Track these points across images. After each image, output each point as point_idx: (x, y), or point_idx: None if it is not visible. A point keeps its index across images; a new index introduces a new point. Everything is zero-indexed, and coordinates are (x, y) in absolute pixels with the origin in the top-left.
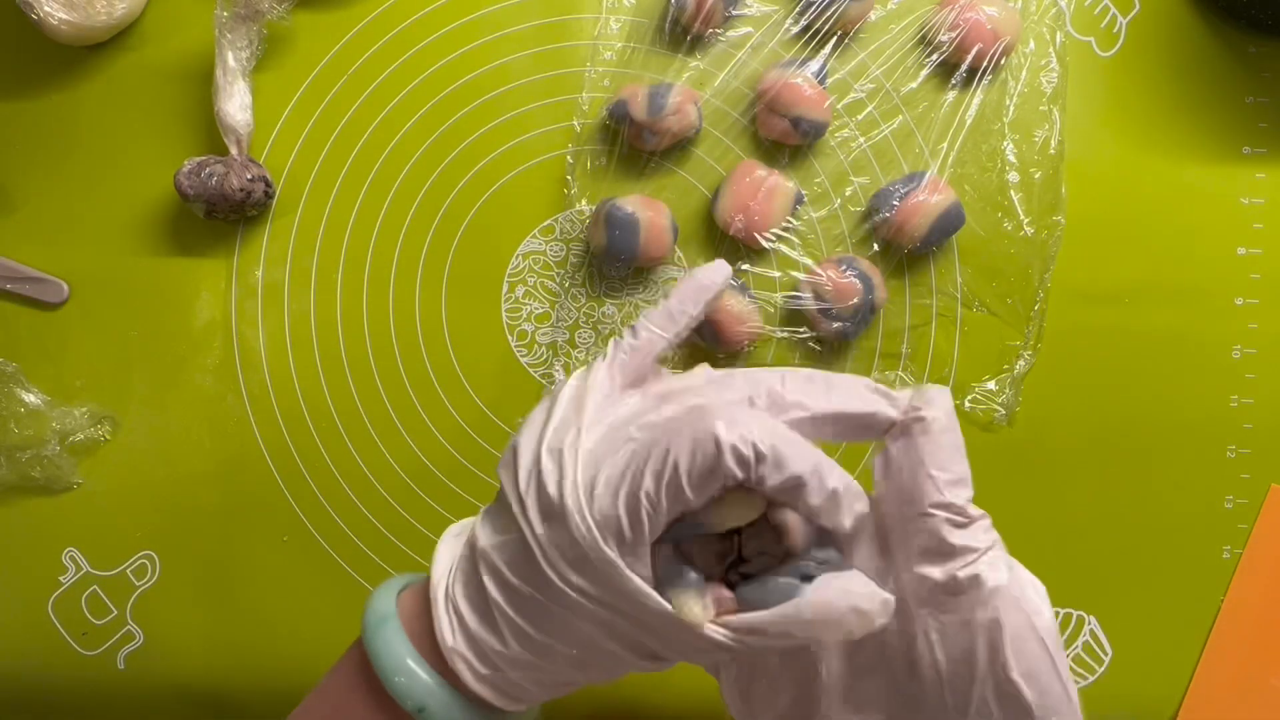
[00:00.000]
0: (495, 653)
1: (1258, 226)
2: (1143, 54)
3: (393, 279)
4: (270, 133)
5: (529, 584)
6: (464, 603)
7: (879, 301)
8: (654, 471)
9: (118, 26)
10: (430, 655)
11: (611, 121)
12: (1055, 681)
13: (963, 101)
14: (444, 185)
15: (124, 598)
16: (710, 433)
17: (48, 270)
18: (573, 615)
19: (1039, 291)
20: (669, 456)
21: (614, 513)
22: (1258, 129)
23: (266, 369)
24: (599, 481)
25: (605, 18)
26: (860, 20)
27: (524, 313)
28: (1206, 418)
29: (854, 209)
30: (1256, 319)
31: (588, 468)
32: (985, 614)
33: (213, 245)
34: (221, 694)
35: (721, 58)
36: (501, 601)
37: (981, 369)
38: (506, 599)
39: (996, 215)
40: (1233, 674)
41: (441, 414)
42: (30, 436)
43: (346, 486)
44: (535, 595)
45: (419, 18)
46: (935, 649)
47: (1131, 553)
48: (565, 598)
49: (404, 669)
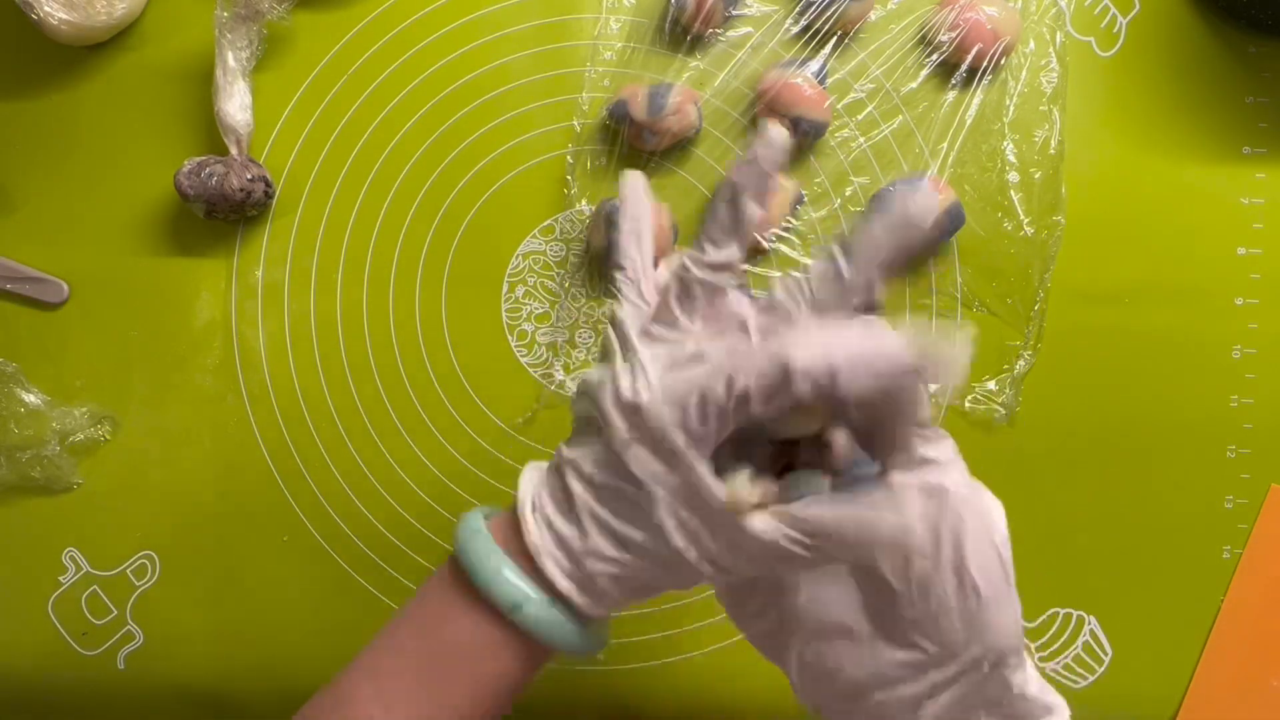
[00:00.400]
0: (578, 547)
1: (1258, 226)
2: (1143, 54)
3: (393, 279)
4: (270, 133)
5: (608, 476)
6: (549, 505)
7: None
8: (724, 383)
9: (118, 26)
10: (520, 562)
11: (611, 121)
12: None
13: (963, 101)
14: (444, 185)
15: (124, 598)
16: (783, 356)
17: (48, 270)
18: (646, 505)
19: (1039, 291)
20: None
21: (684, 413)
22: (1258, 129)
23: (266, 369)
24: (672, 388)
25: (605, 18)
26: (860, 20)
27: (524, 313)
28: (1206, 418)
29: (854, 209)
30: (1256, 319)
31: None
32: (950, 519)
33: (213, 245)
34: (221, 694)
35: (721, 58)
36: (583, 494)
37: (981, 369)
38: (587, 491)
39: (996, 215)
40: (1233, 674)
41: (441, 414)
42: (30, 436)
43: (346, 486)
44: (611, 484)
45: (419, 18)
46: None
47: (1131, 553)
48: (640, 486)
49: (498, 573)
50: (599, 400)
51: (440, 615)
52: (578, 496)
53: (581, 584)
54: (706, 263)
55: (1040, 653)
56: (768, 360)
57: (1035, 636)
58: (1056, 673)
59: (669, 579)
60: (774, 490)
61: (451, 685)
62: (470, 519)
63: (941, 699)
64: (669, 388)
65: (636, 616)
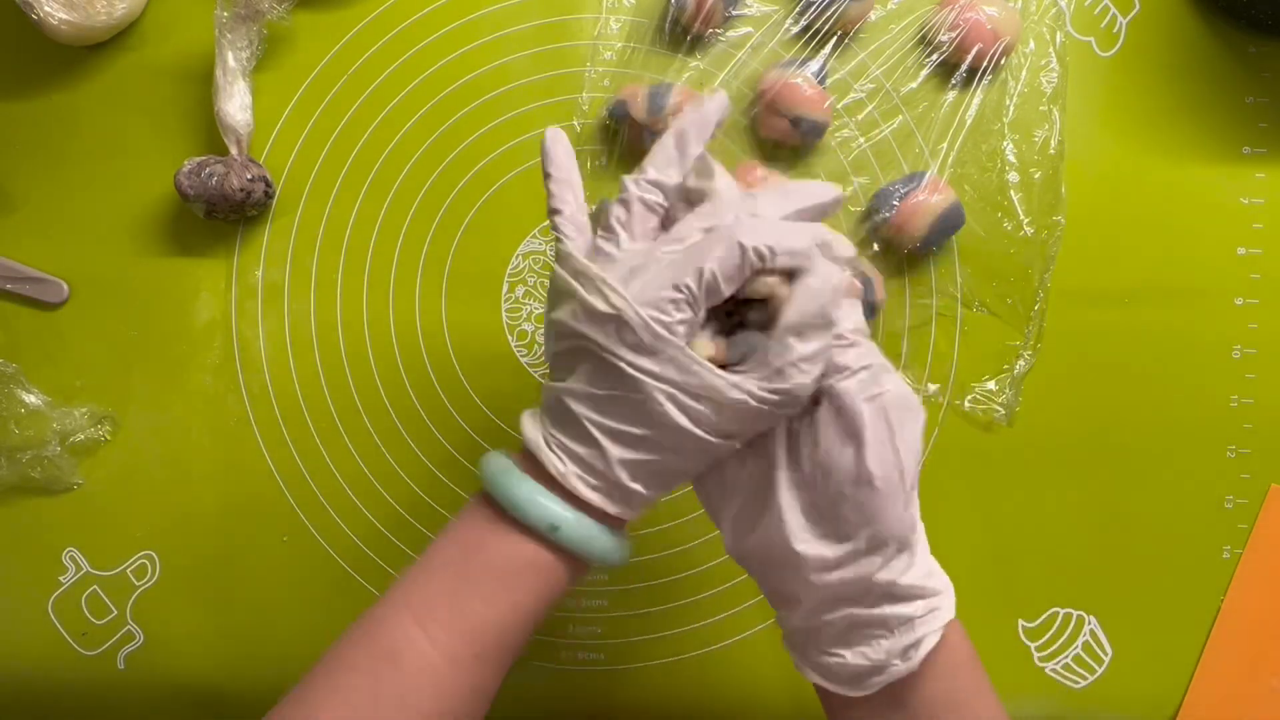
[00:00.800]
0: (600, 462)
1: (1258, 226)
2: (1143, 54)
3: (393, 279)
4: (270, 133)
5: (607, 386)
6: (559, 434)
7: (879, 302)
8: (693, 273)
9: (118, 26)
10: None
11: (611, 121)
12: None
13: (963, 101)
14: (444, 185)
15: (124, 598)
16: (735, 240)
17: (48, 270)
18: (648, 400)
19: (1039, 291)
20: (705, 262)
21: (661, 303)
22: (1258, 129)
23: (266, 369)
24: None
25: (605, 18)
26: (860, 20)
27: (524, 313)
28: (1206, 418)
29: (854, 209)
30: (1256, 319)
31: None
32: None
33: (213, 245)
34: (221, 694)
35: (721, 58)
36: (587, 413)
37: (981, 369)
38: (594, 409)
39: (996, 215)
40: (1233, 674)
41: (441, 414)
42: (31, 437)
43: (346, 486)
44: (613, 392)
45: (419, 18)
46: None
47: (1131, 553)
48: (638, 384)
49: (531, 499)
50: (576, 325)
51: (475, 544)
52: (583, 416)
53: (609, 494)
54: (648, 180)
55: (1040, 652)
56: (725, 247)
57: (1035, 636)
58: (1056, 673)
59: (686, 461)
60: (724, 347)
61: (488, 605)
62: (494, 458)
63: (833, 575)
64: (639, 292)
65: (637, 616)
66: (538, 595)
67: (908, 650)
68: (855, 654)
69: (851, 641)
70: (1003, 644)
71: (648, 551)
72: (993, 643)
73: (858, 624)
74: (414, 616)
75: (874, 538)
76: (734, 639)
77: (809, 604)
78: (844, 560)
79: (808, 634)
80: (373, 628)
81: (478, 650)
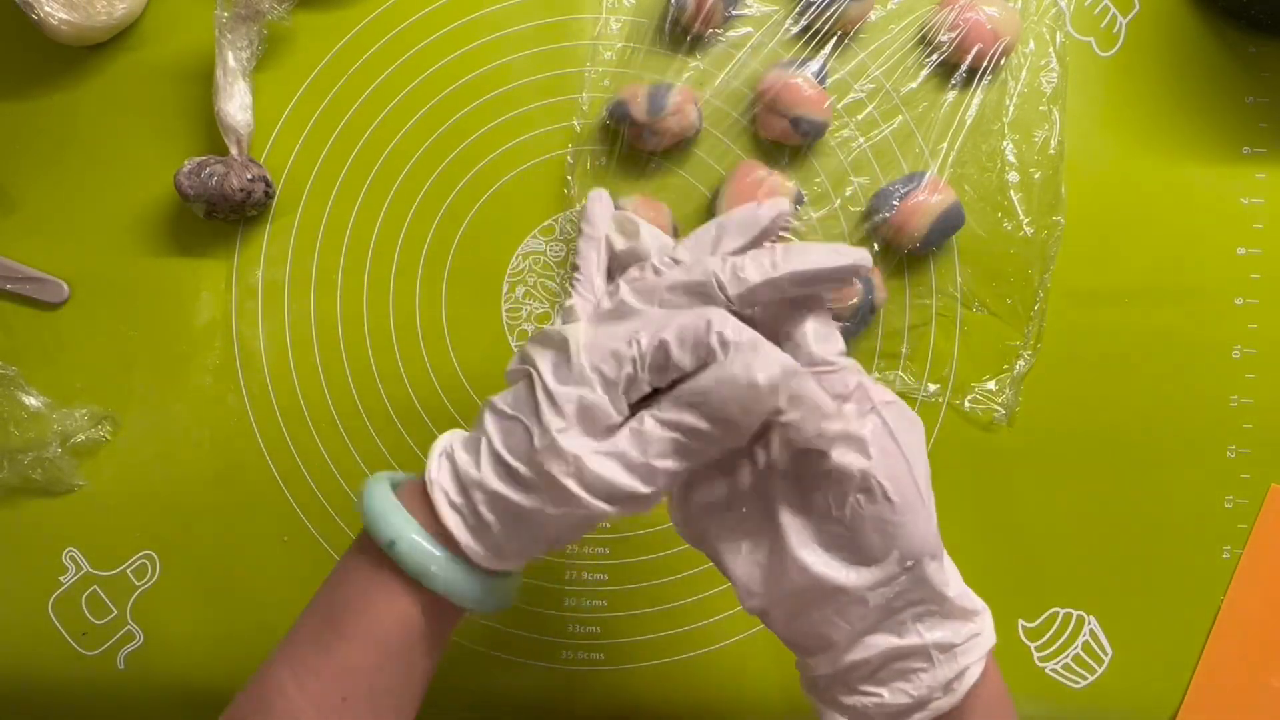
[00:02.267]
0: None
1: (1258, 226)
2: (1143, 54)
3: (393, 279)
4: (270, 133)
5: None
6: (456, 442)
7: (879, 301)
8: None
9: (118, 26)
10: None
11: (611, 121)
12: (915, 492)
13: (963, 101)
14: (444, 185)
15: (124, 598)
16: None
17: (48, 270)
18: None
19: (1039, 291)
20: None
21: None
22: (1258, 129)
23: (266, 369)
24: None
25: (605, 18)
26: (860, 20)
27: (524, 313)
28: (1206, 418)
29: (854, 209)
30: (1256, 319)
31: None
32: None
33: (213, 245)
34: (221, 694)
35: (721, 58)
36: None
37: (981, 369)
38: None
39: (996, 215)
40: (1233, 674)
41: (442, 414)
42: (31, 439)
43: (347, 487)
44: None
45: (419, 18)
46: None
47: (1131, 553)
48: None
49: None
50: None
51: (340, 575)
52: (484, 427)
53: (466, 515)
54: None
55: (1040, 652)
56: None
57: (1035, 636)
58: (1056, 673)
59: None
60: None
61: (349, 643)
62: (374, 476)
63: (872, 601)
64: (593, 342)
65: (636, 616)
66: (399, 629)
67: (950, 684)
68: (894, 691)
69: (888, 678)
70: (1003, 644)
71: (647, 551)
72: None
73: (897, 656)
74: (288, 663)
75: (904, 555)
76: (733, 639)
77: (844, 642)
78: (880, 582)
79: (835, 677)
80: (258, 677)
81: (346, 693)
